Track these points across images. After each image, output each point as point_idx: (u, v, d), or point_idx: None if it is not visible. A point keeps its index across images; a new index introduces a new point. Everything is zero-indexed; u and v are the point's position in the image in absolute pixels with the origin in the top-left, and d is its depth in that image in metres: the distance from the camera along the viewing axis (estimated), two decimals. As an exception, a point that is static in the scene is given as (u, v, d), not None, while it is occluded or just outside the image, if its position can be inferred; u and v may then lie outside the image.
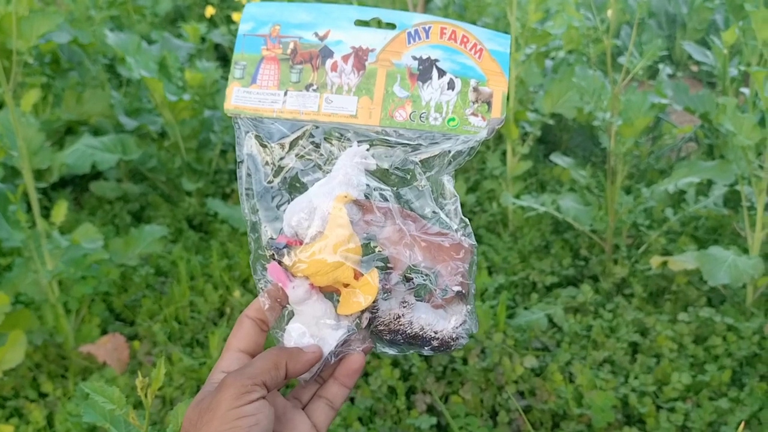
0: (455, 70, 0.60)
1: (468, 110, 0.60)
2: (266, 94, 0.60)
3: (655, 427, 1.32)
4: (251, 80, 0.61)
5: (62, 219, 1.51)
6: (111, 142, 2.10)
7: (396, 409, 1.40)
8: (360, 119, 0.59)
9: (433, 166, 0.60)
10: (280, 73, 0.60)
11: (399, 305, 0.59)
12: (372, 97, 0.59)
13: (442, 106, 0.60)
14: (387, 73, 0.60)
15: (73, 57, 2.46)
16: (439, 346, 0.60)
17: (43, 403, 1.45)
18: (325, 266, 0.57)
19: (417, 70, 0.60)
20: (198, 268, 1.87)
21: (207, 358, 1.56)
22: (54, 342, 1.56)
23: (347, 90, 0.60)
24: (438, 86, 0.60)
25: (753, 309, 1.58)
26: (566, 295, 1.69)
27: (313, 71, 0.60)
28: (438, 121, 0.59)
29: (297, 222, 0.59)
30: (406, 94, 0.60)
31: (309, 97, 0.60)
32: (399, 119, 0.59)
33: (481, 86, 0.61)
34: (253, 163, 0.61)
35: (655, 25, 3.51)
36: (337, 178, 0.59)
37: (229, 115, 0.61)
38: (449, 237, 0.60)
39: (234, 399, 0.52)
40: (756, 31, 1.38)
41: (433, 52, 0.61)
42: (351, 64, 0.60)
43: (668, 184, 1.77)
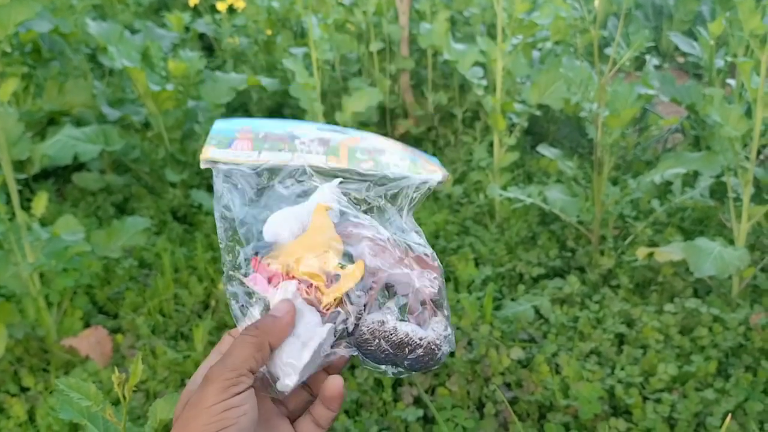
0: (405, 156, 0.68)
1: (422, 171, 0.67)
2: (241, 153, 0.66)
3: (642, 418, 1.32)
4: (227, 145, 0.66)
5: (43, 211, 1.49)
6: (93, 133, 2.07)
7: (382, 401, 1.39)
8: (331, 163, 0.66)
9: (397, 202, 0.65)
10: (253, 145, 0.67)
11: (382, 312, 0.60)
12: (338, 156, 0.66)
13: (399, 165, 0.67)
14: (348, 148, 0.67)
15: (55, 46, 2.42)
16: (423, 354, 0.60)
17: (25, 398, 1.43)
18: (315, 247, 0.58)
19: (373, 150, 0.68)
20: (182, 260, 1.85)
21: (191, 351, 1.54)
22: (35, 335, 1.54)
23: (315, 153, 0.66)
24: (392, 158, 0.67)
25: (739, 300, 1.59)
26: (553, 287, 1.69)
27: (284, 144, 0.67)
28: (398, 170, 0.66)
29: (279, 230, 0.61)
30: (366, 157, 0.67)
31: (282, 154, 0.66)
32: (364, 168, 0.66)
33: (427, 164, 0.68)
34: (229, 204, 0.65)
35: (642, 16, 3.51)
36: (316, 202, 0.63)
37: (203, 166, 0.65)
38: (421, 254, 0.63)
39: (220, 393, 0.52)
40: (743, 21, 1.37)
41: (386, 145, 0.69)
42: (317, 143, 0.67)
43: (654, 176, 1.77)
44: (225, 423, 0.51)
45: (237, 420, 0.51)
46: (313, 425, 0.60)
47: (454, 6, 2.89)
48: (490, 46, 2.11)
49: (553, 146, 2.17)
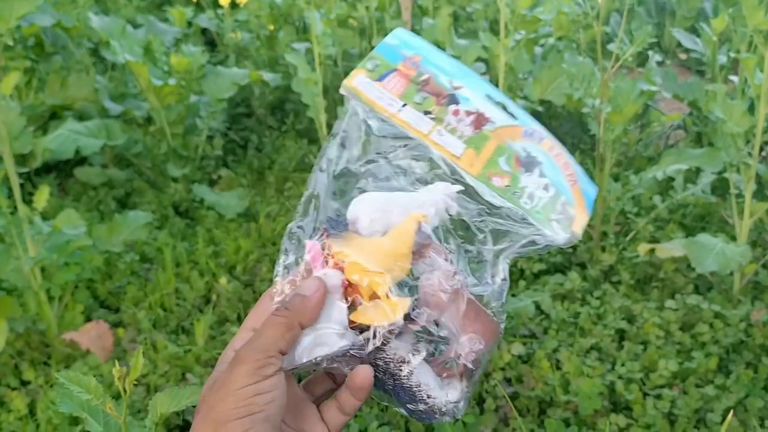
0: (553, 181, 0.61)
1: (553, 215, 0.59)
2: (387, 95, 0.60)
3: (642, 414, 1.32)
4: (379, 77, 0.61)
5: (44, 205, 1.49)
6: (95, 127, 2.08)
7: (383, 396, 1.39)
8: (462, 162, 0.59)
9: (501, 242, 0.59)
10: (406, 89, 0.61)
11: (408, 351, 0.56)
12: (478, 153, 0.60)
13: (534, 197, 0.60)
14: (497, 146, 0.60)
15: (57, 41, 2.42)
16: (423, 411, 0.57)
17: (25, 391, 1.43)
18: (369, 264, 0.55)
19: (524, 159, 0.61)
20: (184, 254, 1.86)
21: (192, 345, 1.54)
22: (36, 329, 1.54)
23: (459, 135, 0.60)
24: (536, 182, 0.60)
25: (740, 296, 1.58)
26: (554, 282, 1.69)
27: (436, 104, 0.61)
28: (528, 205, 0.59)
29: (361, 216, 0.56)
30: (509, 169, 0.60)
31: (423, 120, 0.60)
32: (495, 184, 0.59)
33: (568, 206, 0.60)
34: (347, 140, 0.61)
35: (645, 12, 3.50)
36: (419, 202, 0.58)
37: (343, 92, 0.60)
38: (486, 312, 0.58)
39: (249, 375, 0.50)
40: (747, 17, 1.37)
41: (541, 156, 0.61)
42: (471, 119, 0.60)
43: (656, 172, 1.76)
44: (253, 409, 0.50)
45: (265, 407, 0.50)
46: (338, 412, 0.58)
47: (456, 1, 2.89)
48: (493, 41, 2.11)
49: (555, 142, 2.16)
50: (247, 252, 1.88)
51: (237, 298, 1.70)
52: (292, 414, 0.57)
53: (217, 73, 2.36)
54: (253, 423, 0.49)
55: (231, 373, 0.51)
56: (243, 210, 2.09)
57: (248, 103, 2.76)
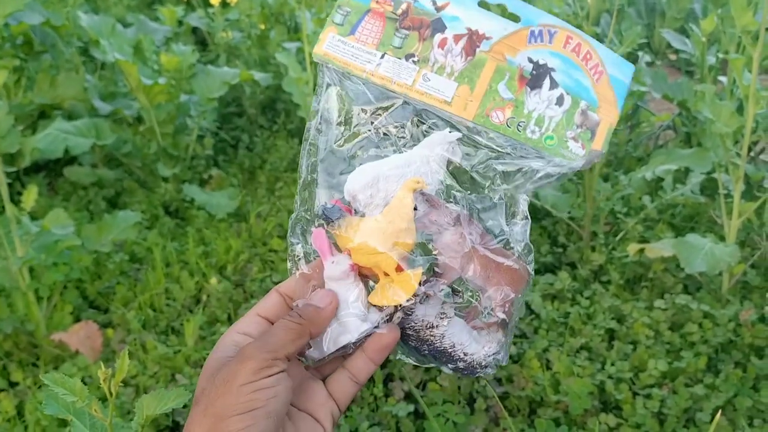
0: (568, 86, 0.54)
1: (570, 132, 0.54)
2: (362, 50, 0.54)
3: (632, 413, 1.32)
4: (350, 30, 0.55)
5: (32, 204, 1.48)
6: (85, 127, 2.07)
7: (373, 396, 1.39)
8: (454, 108, 0.54)
9: (513, 180, 0.55)
10: (384, 32, 0.54)
11: (436, 315, 0.55)
12: (473, 88, 0.53)
13: (543, 120, 0.54)
14: (496, 68, 0.54)
15: (47, 39, 2.40)
16: (464, 368, 0.56)
17: (13, 393, 1.42)
18: (371, 248, 0.53)
19: (529, 74, 0.54)
20: (174, 254, 1.85)
21: (182, 346, 1.54)
22: (25, 330, 1.53)
23: (449, 73, 0.54)
24: (546, 98, 0.54)
25: (729, 296, 1.59)
26: (544, 282, 1.69)
27: (419, 41, 0.54)
28: (535, 135, 0.54)
29: (358, 191, 0.54)
30: (510, 96, 0.54)
31: (406, 68, 0.54)
32: (495, 121, 0.54)
33: (590, 110, 0.55)
34: (327, 119, 0.57)
35: (635, 13, 3.51)
36: (416, 162, 0.54)
37: (316, 60, 0.56)
38: (509, 259, 0.55)
39: (253, 373, 0.50)
40: (735, 18, 1.37)
41: (552, 59, 0.54)
42: (461, 46, 0.54)
43: (646, 172, 1.77)
44: (254, 404, 0.49)
45: (266, 402, 0.50)
46: (350, 381, 0.58)
47: (447, 1, 2.89)
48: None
49: (546, 142, 2.17)
50: (238, 252, 1.87)
51: (227, 299, 1.69)
52: (298, 396, 0.57)
53: (208, 73, 2.35)
54: (254, 419, 0.49)
55: (235, 368, 0.51)
56: (233, 210, 2.08)
57: (239, 103, 2.76)
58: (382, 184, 0.54)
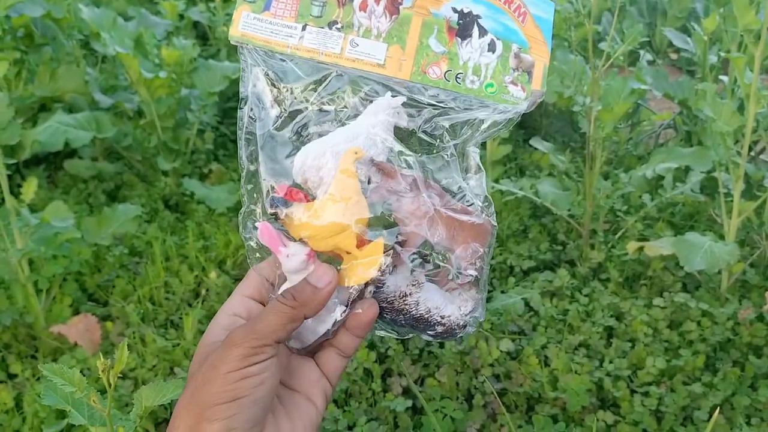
0: (497, 31, 0.53)
1: (507, 77, 0.53)
2: (280, 25, 0.52)
3: (630, 411, 1.32)
4: (264, 6, 0.52)
5: (32, 197, 1.48)
6: (85, 120, 2.06)
7: (371, 391, 1.39)
8: (388, 70, 0.52)
9: (461, 134, 0.53)
10: (300, 2, 0.52)
11: (408, 284, 0.54)
12: (404, 46, 0.52)
13: (480, 68, 0.53)
14: (423, 23, 0.52)
15: (47, 32, 2.40)
16: (443, 332, 0.55)
17: (12, 385, 1.43)
18: (325, 230, 0.52)
19: (456, 25, 0.53)
20: (173, 248, 1.85)
21: (181, 339, 1.54)
22: (24, 322, 1.53)
23: (376, 35, 0.52)
24: (478, 46, 0.53)
25: (728, 295, 1.59)
26: (543, 279, 1.69)
27: (339, 7, 0.52)
28: (475, 85, 0.53)
29: (306, 171, 0.53)
30: (443, 49, 0.53)
31: (331, 37, 0.52)
32: (432, 76, 0.52)
33: (523, 53, 0.54)
34: (259, 103, 0.55)
35: (636, 12, 3.51)
36: (362, 133, 0.53)
37: (233, 43, 0.54)
38: (473, 215, 0.54)
39: (239, 360, 0.49)
40: (737, 17, 1.37)
41: (476, 7, 0.53)
42: (383, 5, 0.52)
43: (646, 170, 1.77)
44: (239, 393, 0.48)
45: (252, 390, 0.49)
46: (337, 356, 0.57)
47: None
48: (485, 38, 2.10)
49: (546, 140, 2.17)
50: (237, 246, 1.87)
51: (226, 293, 1.69)
52: (288, 375, 0.56)
53: (209, 67, 2.35)
54: (240, 407, 0.48)
55: (222, 353, 0.49)
56: (233, 204, 2.08)
57: (240, 97, 2.75)
58: (330, 162, 0.52)
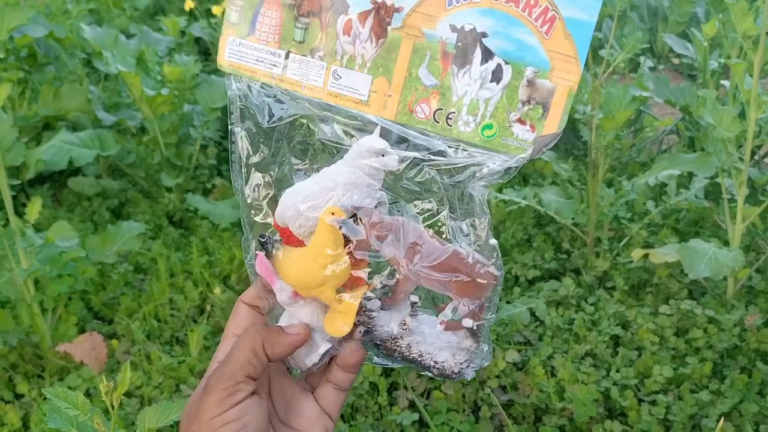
0: (507, 52, 0.44)
1: (513, 114, 0.46)
2: (265, 52, 0.49)
3: (637, 420, 1.32)
4: (248, 29, 0.49)
5: (36, 216, 1.49)
6: (88, 138, 2.08)
7: (378, 405, 1.39)
8: (372, 107, 0.48)
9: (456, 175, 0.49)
10: (283, 24, 0.48)
11: (398, 326, 0.54)
12: (390, 79, 0.46)
13: (478, 105, 0.46)
14: (413, 47, 0.46)
15: (50, 51, 2.42)
16: (438, 375, 0.55)
17: (19, 405, 1.43)
18: (304, 282, 0.53)
19: (454, 48, 0.45)
20: (178, 264, 1.85)
21: (186, 356, 1.54)
22: (30, 342, 1.54)
23: (360, 63, 0.47)
24: (478, 75, 0.46)
25: (734, 301, 1.58)
26: (548, 289, 1.68)
27: (321, 30, 0.48)
28: (469, 128, 0.46)
29: (288, 221, 0.54)
30: (434, 82, 0.46)
31: (313, 67, 0.48)
32: (420, 116, 0.47)
33: (540, 78, 0.45)
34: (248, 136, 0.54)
35: (637, 18, 3.51)
36: (342, 181, 0.50)
37: (222, 70, 0.52)
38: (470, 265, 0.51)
39: (217, 405, 0.50)
40: (735, 23, 1.37)
41: (482, 20, 0.44)
42: (369, 26, 0.47)
43: (649, 177, 1.77)
44: None
45: None
46: (335, 391, 0.58)
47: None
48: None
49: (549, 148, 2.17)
50: (241, 261, 1.87)
51: (231, 308, 1.69)
52: (288, 414, 0.57)
53: (211, 83, 2.36)
54: None
55: (201, 402, 0.51)
56: (237, 219, 2.08)
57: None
58: (309, 214, 0.51)
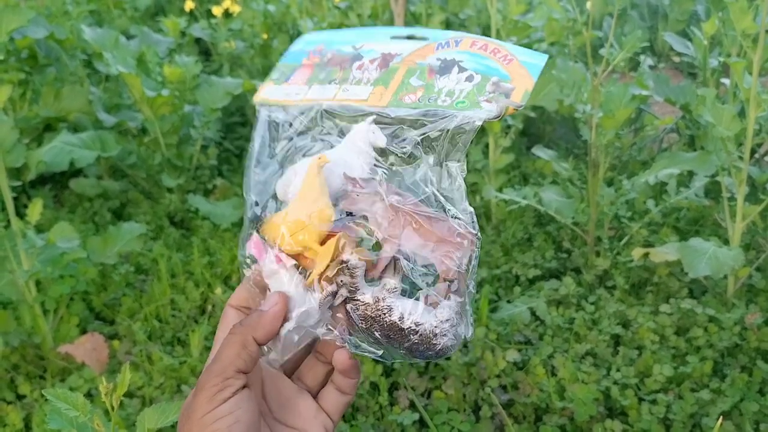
0: (478, 70, 0.56)
1: (482, 97, 0.55)
2: (293, 89, 0.61)
3: (637, 419, 1.32)
4: (285, 80, 0.62)
5: (38, 218, 1.49)
6: (89, 139, 2.08)
7: (378, 405, 1.39)
8: (370, 102, 0.58)
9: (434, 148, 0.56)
10: (312, 74, 0.61)
11: (381, 288, 0.54)
12: (387, 86, 0.58)
13: (454, 92, 0.56)
14: (407, 69, 0.58)
15: (51, 53, 2.42)
16: (419, 343, 0.53)
17: (21, 405, 1.43)
18: (289, 228, 0.54)
19: (438, 68, 0.58)
20: (179, 265, 1.86)
21: (188, 356, 1.54)
22: (32, 342, 1.54)
23: (365, 82, 0.59)
24: (455, 79, 0.57)
25: (734, 300, 1.59)
26: (549, 288, 1.69)
27: (340, 71, 0.60)
28: (446, 103, 0.55)
29: (286, 180, 0.58)
30: (421, 83, 0.57)
31: (328, 88, 0.59)
32: (407, 101, 0.57)
33: (503, 83, 0.56)
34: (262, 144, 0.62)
35: (637, 16, 3.51)
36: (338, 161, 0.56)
37: (255, 104, 0.63)
38: (447, 222, 0.54)
39: (207, 402, 0.50)
40: (734, 21, 1.37)
41: (459, 55, 0.58)
42: (376, 64, 0.60)
43: (649, 176, 1.77)
44: None
45: (229, 429, 0.50)
46: (338, 393, 0.59)
47: (449, 8, 2.90)
48: (485, 48, 2.11)
49: (549, 147, 2.17)
50: (242, 262, 1.87)
51: (232, 309, 1.69)
52: (283, 412, 0.57)
53: (211, 83, 2.37)
54: None
55: (193, 401, 0.51)
56: (238, 219, 2.09)
57: (243, 112, 2.77)
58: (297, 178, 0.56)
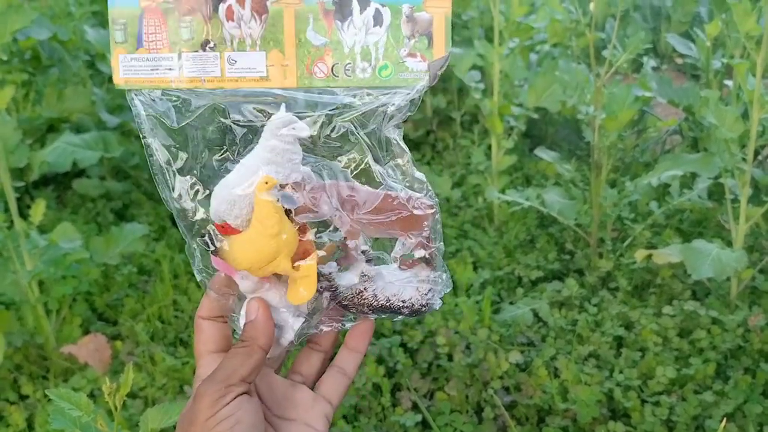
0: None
1: (403, 50, 0.48)
2: (158, 59, 0.49)
3: (640, 421, 1.31)
4: (136, 43, 0.49)
5: (41, 218, 1.49)
6: (92, 140, 2.08)
7: (381, 406, 1.39)
8: (273, 81, 0.49)
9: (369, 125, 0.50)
10: (168, 29, 0.49)
11: (360, 280, 0.56)
12: (282, 49, 0.48)
13: (369, 50, 0.48)
14: (295, 14, 0.47)
15: (54, 54, 2.43)
16: (410, 313, 0.58)
17: (24, 406, 1.43)
18: (258, 261, 0.53)
19: (332, 5, 0.48)
20: (182, 266, 1.86)
21: (190, 357, 1.54)
22: (34, 343, 1.54)
23: (251, 44, 0.48)
24: (361, 23, 0.48)
25: (737, 302, 1.58)
26: (551, 290, 1.68)
27: (206, 23, 0.48)
28: (367, 73, 0.48)
29: (222, 215, 0.53)
30: (323, 40, 0.48)
31: (208, 59, 0.49)
32: (319, 75, 0.48)
33: (416, 12, 0.49)
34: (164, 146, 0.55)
35: (640, 17, 3.51)
36: (263, 163, 0.51)
37: (120, 88, 0.52)
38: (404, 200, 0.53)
39: (210, 407, 0.51)
40: (738, 23, 1.37)
41: None
42: (248, 6, 0.48)
43: (652, 178, 1.77)
44: None
45: (231, 429, 0.51)
46: (341, 375, 0.60)
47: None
48: (488, 49, 2.11)
49: (552, 149, 2.17)
50: (245, 263, 1.88)
51: (235, 309, 1.69)
52: (280, 407, 0.58)
53: (214, 84, 2.37)
54: None
55: (194, 407, 0.52)
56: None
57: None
58: (243, 204, 0.52)
